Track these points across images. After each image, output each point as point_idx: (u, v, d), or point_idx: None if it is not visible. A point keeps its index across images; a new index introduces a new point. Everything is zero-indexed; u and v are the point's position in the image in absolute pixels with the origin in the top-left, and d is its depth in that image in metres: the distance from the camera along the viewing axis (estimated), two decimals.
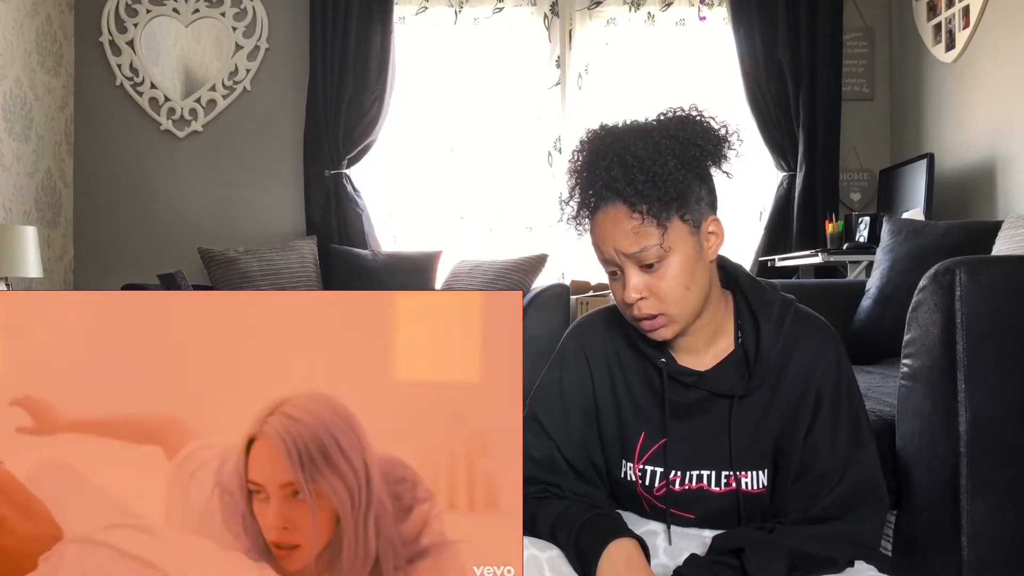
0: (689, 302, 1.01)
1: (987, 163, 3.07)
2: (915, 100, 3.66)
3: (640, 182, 0.96)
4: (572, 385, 1.13)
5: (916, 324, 1.29)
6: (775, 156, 3.80)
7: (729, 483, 1.07)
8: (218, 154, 3.93)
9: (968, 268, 1.22)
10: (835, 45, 3.76)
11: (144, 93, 3.90)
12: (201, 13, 3.91)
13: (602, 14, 3.92)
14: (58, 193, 3.80)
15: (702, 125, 1.02)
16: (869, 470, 1.04)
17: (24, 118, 3.51)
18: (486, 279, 3.32)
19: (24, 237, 3.09)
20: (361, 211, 3.84)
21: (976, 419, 1.21)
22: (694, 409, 1.08)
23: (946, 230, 2.24)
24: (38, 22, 3.61)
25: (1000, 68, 2.99)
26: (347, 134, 3.81)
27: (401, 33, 3.88)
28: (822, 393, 1.05)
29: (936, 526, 1.25)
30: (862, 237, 3.19)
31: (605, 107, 3.82)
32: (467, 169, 3.94)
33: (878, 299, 2.27)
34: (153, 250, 3.87)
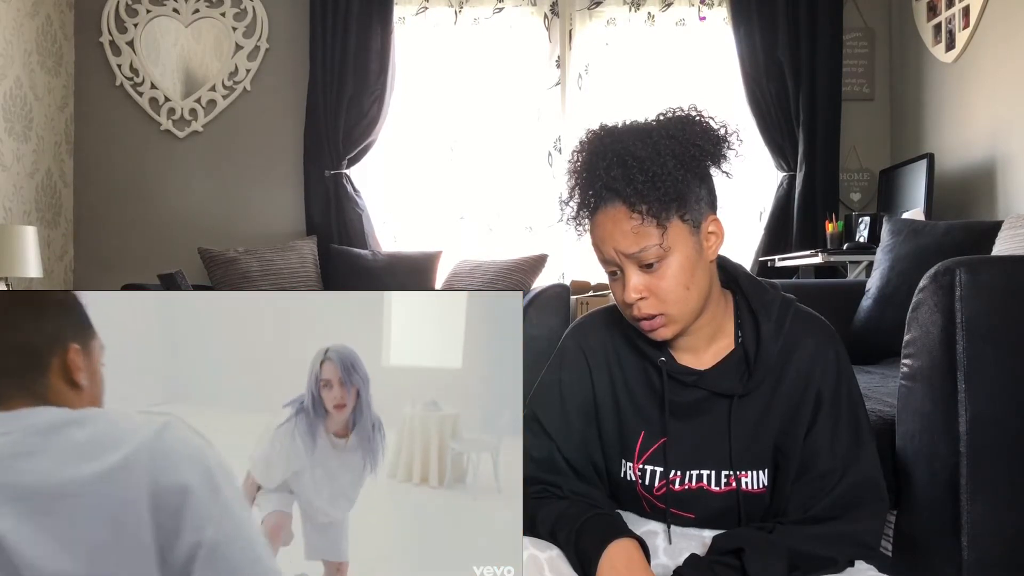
0: (689, 302, 1.01)
1: (987, 163, 3.07)
2: (915, 100, 3.66)
3: (639, 182, 0.96)
4: (572, 385, 1.13)
5: (916, 324, 1.29)
6: (775, 156, 3.80)
7: (729, 483, 1.07)
8: (218, 154, 3.93)
9: (968, 268, 1.22)
10: (835, 45, 3.76)
11: (144, 93, 3.90)
12: (201, 13, 3.91)
13: (602, 14, 3.92)
14: (58, 193, 3.80)
15: (701, 125, 1.02)
16: (869, 470, 1.04)
17: (24, 118, 3.51)
18: (486, 279, 3.32)
19: (24, 237, 3.08)
20: (361, 211, 3.84)
21: (976, 419, 1.21)
22: (694, 409, 1.08)
23: (946, 230, 2.24)
24: (38, 22, 3.61)
25: (1000, 68, 2.99)
26: (347, 134, 3.81)
27: (401, 33, 3.88)
28: (822, 393, 1.05)
29: (936, 526, 1.25)
30: (862, 237, 3.19)
31: (605, 107, 3.82)
32: (467, 169, 3.94)
33: (878, 299, 2.27)
34: (153, 250, 3.87)
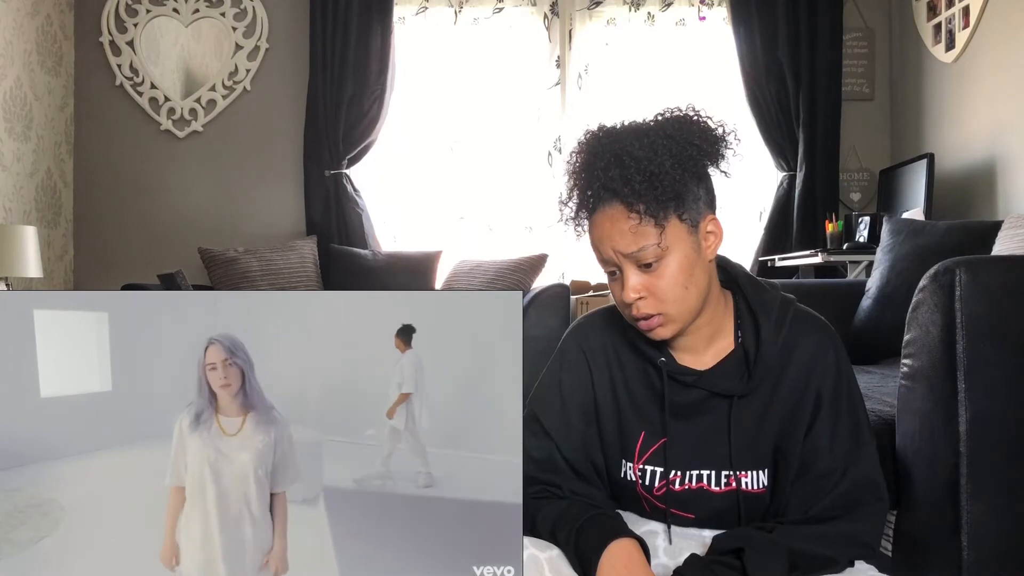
0: (688, 301, 1.01)
1: (987, 163, 3.07)
2: (915, 100, 3.66)
3: (637, 182, 0.96)
4: (572, 385, 1.13)
5: (916, 324, 1.29)
6: (775, 156, 3.80)
7: (729, 483, 1.07)
8: (218, 154, 3.93)
9: (968, 268, 1.22)
10: (835, 45, 3.76)
11: (144, 93, 3.90)
12: (201, 13, 3.91)
13: (602, 14, 3.92)
14: (58, 193, 3.80)
15: (699, 125, 1.02)
16: (869, 470, 1.04)
17: (24, 118, 3.51)
18: (486, 279, 3.32)
19: (24, 237, 3.09)
20: (361, 211, 3.84)
21: (976, 419, 1.21)
22: (694, 409, 1.08)
23: (946, 230, 2.24)
24: (38, 22, 3.61)
25: (1000, 68, 2.99)
26: (347, 134, 3.81)
27: (401, 33, 3.88)
28: (822, 393, 1.05)
29: (936, 526, 1.25)
30: (862, 237, 3.19)
31: (605, 107, 3.83)
32: (467, 169, 3.95)
33: (878, 299, 2.27)
34: (153, 250, 3.87)
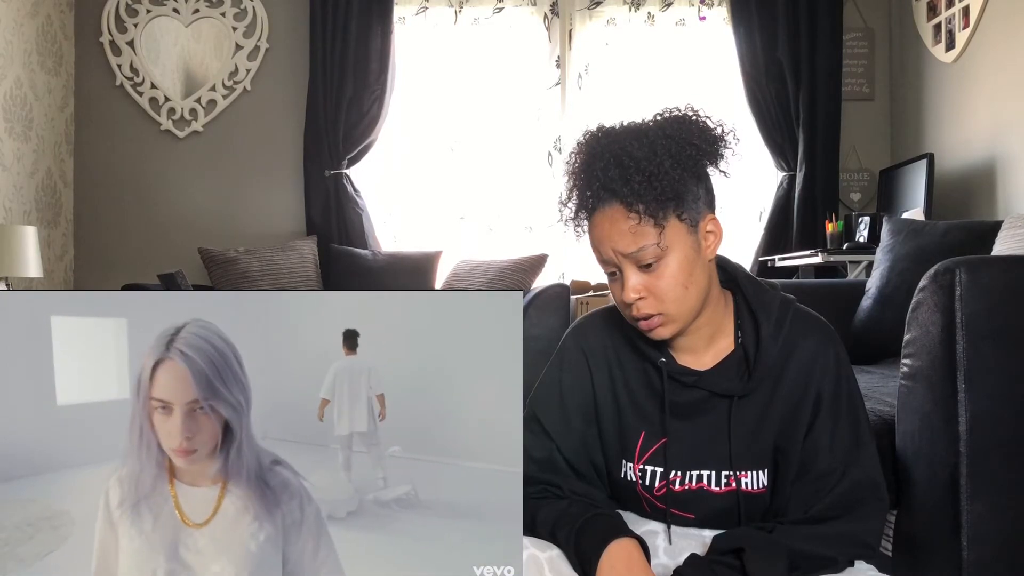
0: (687, 301, 1.01)
1: (987, 163, 3.07)
2: (915, 100, 3.65)
3: (636, 182, 0.96)
4: (572, 385, 1.13)
5: (916, 324, 1.29)
6: (775, 156, 3.80)
7: (729, 483, 1.07)
8: (218, 154, 3.93)
9: (968, 268, 1.22)
10: (835, 45, 3.76)
11: (144, 93, 3.90)
12: (201, 13, 3.91)
13: (602, 14, 3.92)
14: (58, 193, 3.80)
15: (698, 125, 1.02)
16: (869, 470, 1.04)
17: (24, 118, 3.51)
18: (486, 279, 3.32)
19: (24, 237, 3.09)
20: (361, 211, 3.84)
21: (976, 419, 1.21)
22: (694, 409, 1.08)
23: (946, 230, 2.24)
24: (38, 22, 3.61)
25: (1000, 68, 2.99)
26: (347, 134, 3.81)
27: (401, 33, 3.88)
28: (822, 393, 1.05)
29: (936, 526, 1.25)
30: (862, 237, 3.19)
31: (605, 107, 3.82)
32: (467, 169, 3.94)
33: (878, 299, 2.27)
34: (153, 250, 3.87)
